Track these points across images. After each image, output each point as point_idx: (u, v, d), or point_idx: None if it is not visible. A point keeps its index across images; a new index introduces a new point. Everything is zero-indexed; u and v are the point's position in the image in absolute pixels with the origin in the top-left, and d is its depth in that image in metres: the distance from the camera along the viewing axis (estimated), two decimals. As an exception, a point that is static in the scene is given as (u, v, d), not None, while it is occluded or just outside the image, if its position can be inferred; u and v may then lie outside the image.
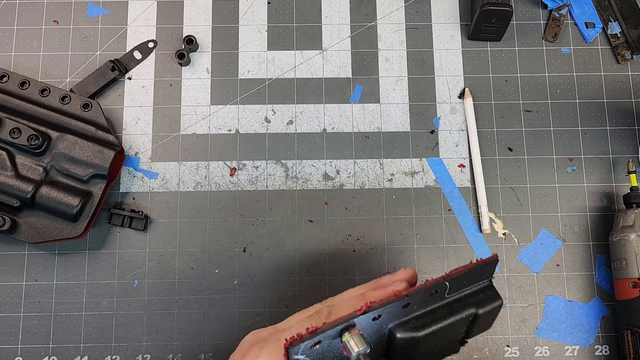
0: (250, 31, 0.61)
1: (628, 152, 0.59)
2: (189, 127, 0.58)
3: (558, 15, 0.61)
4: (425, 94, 0.60)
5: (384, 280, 0.38)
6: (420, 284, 0.34)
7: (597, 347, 0.55)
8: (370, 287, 0.38)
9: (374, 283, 0.38)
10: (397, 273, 0.38)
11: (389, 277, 0.38)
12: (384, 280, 0.38)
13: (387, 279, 0.38)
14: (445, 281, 0.33)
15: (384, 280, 0.38)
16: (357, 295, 0.37)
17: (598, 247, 0.57)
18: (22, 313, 0.54)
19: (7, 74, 0.55)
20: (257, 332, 0.37)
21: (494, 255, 0.35)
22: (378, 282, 0.38)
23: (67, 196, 0.52)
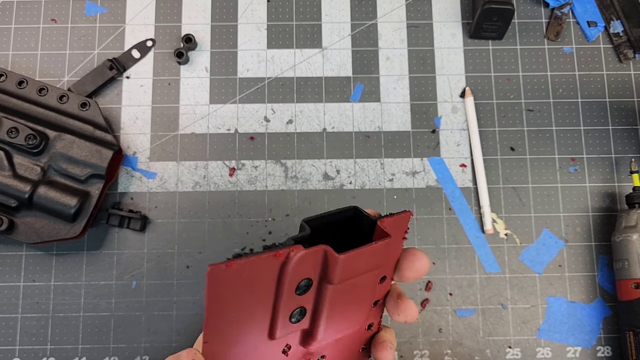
0: (250, 29, 0.60)
1: (631, 152, 0.58)
2: (188, 126, 0.58)
3: (560, 13, 0.61)
4: (426, 93, 0.59)
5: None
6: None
7: (599, 348, 0.55)
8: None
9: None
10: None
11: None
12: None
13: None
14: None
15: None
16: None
17: (600, 248, 0.57)
18: (20, 314, 0.54)
19: (4, 73, 0.54)
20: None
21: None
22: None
23: (64, 196, 0.51)
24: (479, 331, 0.55)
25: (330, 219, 0.30)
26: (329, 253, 0.26)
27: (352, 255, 0.26)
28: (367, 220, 0.29)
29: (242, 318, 0.26)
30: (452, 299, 0.55)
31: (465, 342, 0.55)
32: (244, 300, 0.25)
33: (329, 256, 0.26)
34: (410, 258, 0.31)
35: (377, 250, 0.28)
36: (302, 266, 0.26)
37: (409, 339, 0.55)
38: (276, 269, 0.25)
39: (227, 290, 0.24)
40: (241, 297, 0.25)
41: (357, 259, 0.27)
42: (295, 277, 0.26)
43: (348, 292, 0.29)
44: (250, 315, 0.26)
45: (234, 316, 0.25)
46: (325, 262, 0.26)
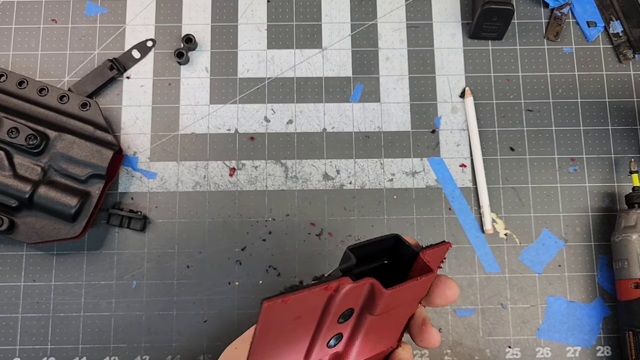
0: (250, 30, 0.60)
1: (630, 152, 0.58)
2: (188, 126, 0.58)
3: (559, 14, 0.61)
4: (426, 93, 0.59)
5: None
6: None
7: (599, 348, 0.55)
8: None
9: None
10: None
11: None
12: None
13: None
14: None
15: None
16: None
17: (600, 248, 0.57)
18: (21, 314, 0.54)
19: (5, 73, 0.54)
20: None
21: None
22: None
23: (65, 196, 0.51)
24: (479, 331, 0.55)
25: (372, 247, 0.30)
26: (375, 287, 0.26)
27: (398, 290, 0.27)
28: (408, 251, 0.30)
29: (285, 342, 0.26)
30: (451, 299, 0.55)
31: (465, 342, 0.55)
32: (290, 327, 0.26)
33: (375, 290, 0.26)
34: (442, 287, 0.32)
35: (421, 284, 0.28)
36: (349, 297, 0.26)
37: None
38: (323, 300, 0.26)
39: (277, 320, 0.25)
40: (288, 324, 0.25)
41: (401, 293, 0.27)
42: (341, 307, 0.27)
43: (384, 321, 0.29)
44: (293, 340, 0.27)
45: (278, 342, 0.26)
46: (371, 295, 0.27)
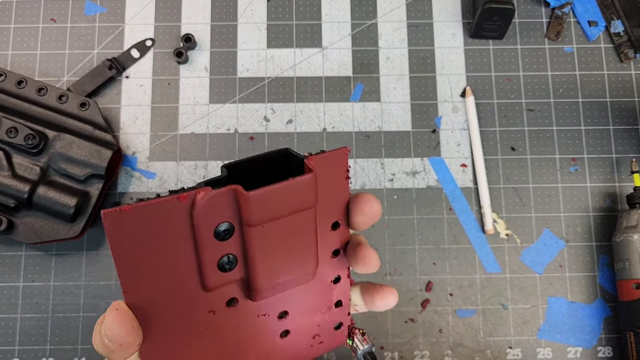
0: (250, 29, 0.60)
1: (631, 152, 0.58)
2: (187, 126, 0.58)
3: (560, 13, 0.61)
4: (426, 93, 0.59)
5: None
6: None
7: (600, 348, 0.55)
8: None
9: None
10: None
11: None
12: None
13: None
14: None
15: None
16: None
17: (601, 248, 0.56)
18: (20, 314, 0.54)
19: (4, 73, 0.54)
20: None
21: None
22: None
23: (64, 196, 0.51)
24: (480, 331, 0.55)
25: (257, 161, 0.27)
26: (238, 192, 0.24)
27: (265, 192, 0.24)
28: (298, 161, 0.27)
29: (159, 266, 0.24)
30: (452, 299, 0.55)
31: (465, 343, 0.54)
32: (156, 247, 0.24)
33: (239, 196, 0.24)
34: (357, 202, 0.30)
35: (298, 187, 0.25)
36: (214, 209, 0.24)
37: (409, 339, 0.55)
38: (185, 214, 0.23)
39: (132, 236, 0.23)
40: (151, 244, 0.24)
41: (272, 197, 0.25)
42: (209, 221, 0.24)
43: (280, 235, 0.26)
44: (170, 264, 0.25)
45: (149, 264, 0.24)
46: (240, 204, 0.24)
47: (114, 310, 0.25)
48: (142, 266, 0.24)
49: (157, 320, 0.26)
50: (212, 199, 0.23)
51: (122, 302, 0.25)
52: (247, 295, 0.28)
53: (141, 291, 0.25)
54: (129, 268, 0.24)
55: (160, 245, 0.24)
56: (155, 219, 0.23)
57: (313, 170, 0.26)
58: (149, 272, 0.24)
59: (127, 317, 0.25)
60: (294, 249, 0.28)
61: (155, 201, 0.22)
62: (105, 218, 0.22)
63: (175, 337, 0.27)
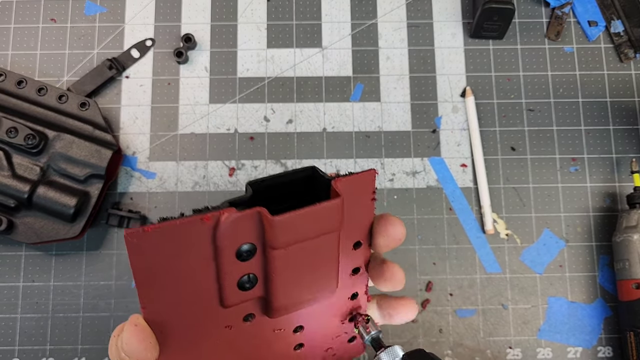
0: (250, 29, 0.60)
1: (631, 152, 0.58)
2: (187, 126, 0.58)
3: (561, 13, 0.61)
4: (426, 93, 0.59)
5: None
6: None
7: (600, 348, 0.55)
8: None
9: None
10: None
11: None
12: None
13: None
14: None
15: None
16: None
17: (601, 248, 0.56)
18: (20, 314, 0.54)
19: (3, 73, 0.54)
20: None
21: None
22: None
23: (64, 196, 0.51)
24: (480, 331, 0.55)
25: (282, 180, 0.26)
26: (263, 215, 0.23)
27: (290, 217, 0.24)
28: (324, 182, 0.26)
29: (179, 283, 0.24)
30: (452, 300, 0.55)
31: (465, 343, 0.54)
32: (176, 265, 0.23)
33: (264, 219, 0.23)
34: (382, 223, 0.29)
35: (325, 212, 0.25)
36: (238, 231, 0.23)
37: (409, 339, 0.55)
38: (208, 234, 0.23)
39: (153, 256, 0.23)
40: (173, 263, 0.23)
41: (297, 221, 0.24)
42: (232, 242, 0.24)
43: (303, 257, 0.26)
44: (190, 282, 0.24)
45: (168, 281, 0.24)
46: (264, 226, 0.24)
47: (133, 325, 0.25)
48: (162, 283, 0.24)
49: (174, 335, 0.26)
50: (237, 220, 0.23)
51: (140, 318, 0.25)
52: (264, 313, 0.28)
53: (159, 307, 0.25)
54: (148, 285, 0.24)
55: (181, 263, 0.24)
56: (178, 238, 0.23)
57: (340, 195, 0.25)
58: (168, 289, 0.24)
59: (146, 333, 0.25)
60: (316, 270, 0.27)
61: (179, 222, 0.22)
62: (128, 238, 0.22)
63: (191, 351, 0.27)
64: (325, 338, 0.32)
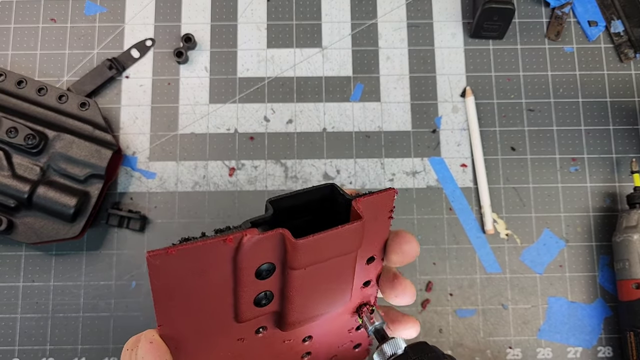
0: (250, 29, 0.60)
1: (631, 152, 0.58)
2: (187, 126, 0.58)
3: (561, 13, 0.61)
4: (426, 93, 0.59)
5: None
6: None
7: (600, 348, 0.54)
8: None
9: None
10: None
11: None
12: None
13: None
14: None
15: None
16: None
17: (601, 248, 0.56)
18: (20, 314, 0.54)
19: (4, 73, 0.54)
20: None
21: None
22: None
23: (64, 196, 0.51)
24: (480, 331, 0.55)
25: (302, 198, 0.26)
26: (286, 238, 0.23)
27: (313, 240, 0.24)
28: (343, 200, 0.26)
29: (197, 302, 0.24)
30: (452, 300, 0.55)
31: (465, 343, 0.54)
32: (196, 285, 0.24)
33: (286, 241, 0.24)
34: (397, 240, 0.29)
35: (346, 234, 0.25)
36: (259, 251, 0.24)
37: (409, 339, 0.54)
38: (229, 255, 0.23)
39: (174, 276, 0.23)
40: (192, 282, 0.23)
41: (320, 244, 0.24)
42: (253, 262, 0.24)
43: (320, 276, 0.26)
44: (207, 299, 0.25)
45: (186, 299, 0.24)
46: (285, 247, 0.24)
47: (149, 343, 0.25)
48: (180, 301, 0.24)
49: (189, 349, 0.26)
50: (259, 242, 0.23)
51: (155, 334, 0.25)
52: (277, 326, 0.28)
53: (176, 324, 0.25)
54: (166, 303, 0.24)
55: (200, 282, 0.24)
56: (199, 259, 0.23)
57: (362, 217, 0.25)
58: (185, 307, 0.25)
59: (161, 350, 0.25)
60: (331, 287, 0.28)
61: (202, 243, 0.22)
62: (151, 261, 0.22)
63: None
64: (332, 346, 0.32)
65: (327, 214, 0.26)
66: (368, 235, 0.27)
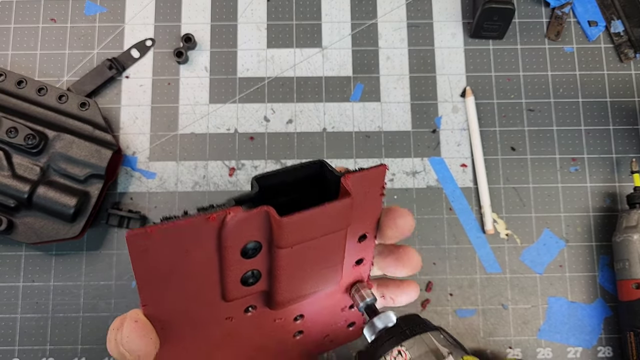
0: (250, 29, 0.60)
1: (631, 152, 0.58)
2: (187, 126, 0.58)
3: (561, 13, 0.61)
4: (426, 93, 0.59)
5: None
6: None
7: (600, 348, 0.55)
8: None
9: None
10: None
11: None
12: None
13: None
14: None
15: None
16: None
17: (601, 248, 0.56)
18: (20, 314, 0.54)
19: (4, 73, 0.54)
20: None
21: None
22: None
23: (64, 196, 0.51)
24: (480, 331, 0.55)
25: (290, 175, 0.26)
26: (271, 215, 0.23)
27: (299, 218, 0.23)
28: (332, 177, 0.25)
29: (181, 281, 0.24)
30: (452, 300, 0.55)
31: (465, 343, 0.54)
32: (180, 264, 0.23)
33: (271, 219, 0.23)
34: (390, 215, 0.28)
35: (334, 211, 0.24)
36: (244, 229, 0.23)
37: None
38: (213, 233, 0.23)
39: (156, 255, 0.22)
40: (175, 262, 0.23)
41: (306, 221, 0.23)
42: (238, 241, 0.23)
43: (309, 255, 0.25)
44: (192, 278, 0.24)
45: (171, 279, 0.24)
46: (271, 225, 0.23)
47: (133, 322, 0.24)
48: (164, 282, 0.24)
49: (175, 328, 0.26)
50: (243, 220, 0.22)
51: (140, 313, 0.25)
52: (266, 305, 0.28)
53: (160, 304, 0.24)
54: (150, 284, 0.24)
55: (184, 262, 0.23)
56: (182, 238, 0.22)
57: (351, 194, 0.24)
58: (170, 287, 0.24)
59: (146, 329, 0.24)
60: (321, 266, 0.27)
61: (184, 222, 0.21)
62: (130, 240, 0.21)
63: (191, 342, 0.27)
64: (325, 325, 0.32)
65: (316, 192, 0.26)
66: (359, 212, 0.27)
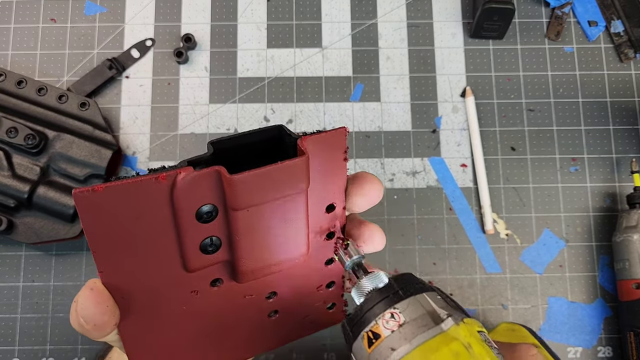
0: (250, 29, 0.60)
1: (631, 152, 0.58)
2: (187, 126, 0.58)
3: (561, 13, 0.61)
4: (426, 93, 0.59)
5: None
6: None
7: (600, 348, 0.55)
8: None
9: None
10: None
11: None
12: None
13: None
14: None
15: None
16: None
17: (601, 248, 0.56)
18: (20, 314, 0.54)
19: (4, 73, 0.54)
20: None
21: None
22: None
23: (64, 196, 0.51)
24: (480, 331, 0.55)
25: (246, 139, 0.25)
26: (222, 174, 0.22)
27: (250, 175, 0.23)
28: (290, 141, 0.25)
29: (137, 246, 0.24)
30: (452, 299, 0.55)
31: (465, 343, 0.54)
32: (133, 227, 0.23)
33: (222, 178, 0.22)
34: (357, 181, 0.27)
35: (287, 170, 0.24)
36: (196, 191, 0.23)
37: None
38: (165, 195, 0.22)
39: (107, 217, 0.22)
40: (129, 226, 0.22)
41: (258, 180, 0.23)
42: (191, 203, 0.23)
43: (267, 219, 0.25)
44: (149, 245, 0.24)
45: (125, 244, 0.23)
46: (223, 186, 0.23)
47: (89, 290, 0.24)
48: (119, 246, 0.23)
49: (137, 300, 0.25)
50: (194, 180, 0.22)
51: (97, 281, 0.24)
52: (232, 277, 0.27)
53: (118, 271, 0.24)
54: (104, 248, 0.23)
55: (138, 225, 0.23)
56: (132, 198, 0.22)
57: (306, 154, 0.24)
58: (126, 253, 0.24)
59: (102, 296, 0.24)
60: (282, 233, 0.26)
61: (132, 181, 0.21)
62: (77, 199, 0.21)
63: (156, 316, 0.26)
64: (301, 305, 0.31)
65: (275, 158, 0.25)
66: (321, 177, 0.26)
